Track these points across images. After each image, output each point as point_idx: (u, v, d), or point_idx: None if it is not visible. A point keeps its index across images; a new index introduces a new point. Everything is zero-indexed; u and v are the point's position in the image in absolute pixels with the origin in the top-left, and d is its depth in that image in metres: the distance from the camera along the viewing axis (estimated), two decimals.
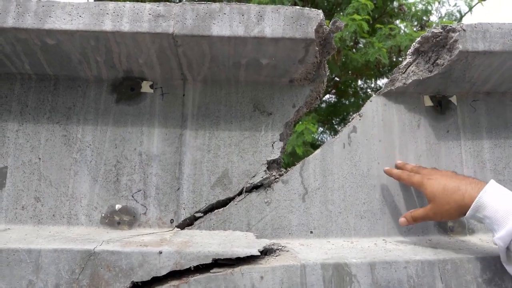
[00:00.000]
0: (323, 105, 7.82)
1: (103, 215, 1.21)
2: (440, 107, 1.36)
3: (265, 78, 1.29)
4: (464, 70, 1.26)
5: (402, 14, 6.90)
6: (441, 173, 1.14)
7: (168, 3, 1.12)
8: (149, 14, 1.11)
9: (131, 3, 1.11)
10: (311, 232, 1.23)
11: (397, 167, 1.27)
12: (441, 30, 1.21)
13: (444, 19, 6.60)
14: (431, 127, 1.34)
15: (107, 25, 1.09)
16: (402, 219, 1.17)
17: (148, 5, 1.11)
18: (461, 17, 6.93)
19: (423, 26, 6.63)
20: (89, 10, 1.10)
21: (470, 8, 6.62)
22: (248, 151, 1.27)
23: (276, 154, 1.27)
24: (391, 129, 1.32)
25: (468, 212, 1.00)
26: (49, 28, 1.09)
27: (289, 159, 5.35)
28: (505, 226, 0.93)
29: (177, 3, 1.11)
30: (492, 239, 0.98)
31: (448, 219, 1.10)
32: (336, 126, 8.32)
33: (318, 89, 1.33)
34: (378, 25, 5.98)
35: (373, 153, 1.30)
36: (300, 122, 5.10)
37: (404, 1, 6.96)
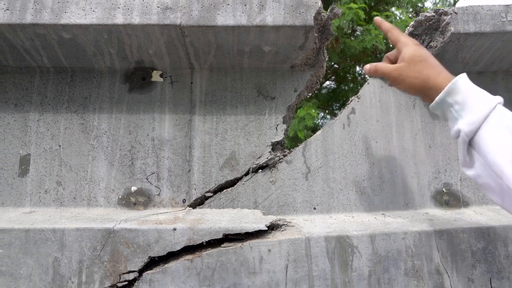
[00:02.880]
0: (324, 91, 7.80)
1: (120, 196, 1.23)
2: None
3: (268, 64, 1.30)
4: (457, 51, 1.25)
5: (397, 1, 6.83)
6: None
7: None
8: (158, 7, 1.11)
9: None
10: (315, 208, 1.24)
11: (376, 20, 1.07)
12: (433, 14, 1.21)
13: (438, 5, 6.53)
14: (426, 107, 1.34)
15: (119, 19, 1.10)
16: (367, 66, 1.02)
17: None
18: (455, 2, 6.85)
19: (417, 12, 6.56)
20: (101, 5, 1.11)
21: None
22: (253, 134, 1.28)
23: (279, 136, 1.28)
24: (388, 110, 1.33)
25: (440, 94, 0.87)
26: (65, 23, 1.10)
27: (291, 143, 5.37)
28: (475, 111, 0.81)
29: None
30: (453, 129, 0.86)
31: (408, 91, 0.97)
32: (336, 111, 8.31)
33: (318, 73, 1.33)
34: (374, 13, 5.93)
35: (371, 133, 1.31)
36: (302, 108, 5.10)
37: None
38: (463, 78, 0.87)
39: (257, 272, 0.99)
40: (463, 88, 0.85)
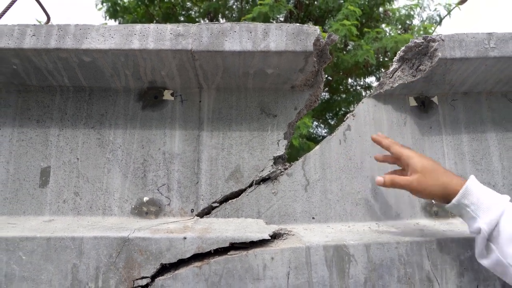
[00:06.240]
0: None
1: (133, 206, 1.25)
2: (424, 106, 1.39)
3: (270, 85, 1.32)
4: (444, 74, 1.28)
5: (387, 19, 6.90)
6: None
7: (186, 23, 1.15)
8: (171, 33, 1.14)
9: (155, 24, 1.14)
10: (313, 218, 1.26)
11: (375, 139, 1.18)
12: (422, 40, 1.24)
13: (425, 23, 6.58)
14: (416, 124, 1.37)
15: (135, 44, 1.13)
16: (379, 178, 1.09)
17: (169, 26, 1.14)
18: (441, 20, 6.90)
19: (406, 29, 6.62)
20: (119, 32, 1.13)
21: (449, 12, 6.60)
22: (256, 149, 1.30)
23: (281, 151, 1.30)
24: (381, 127, 1.36)
25: (456, 197, 0.95)
26: (85, 48, 1.13)
27: (287, 151, 5.38)
28: (491, 211, 0.89)
29: (194, 23, 1.14)
30: (473, 227, 0.93)
31: (427, 197, 1.02)
32: (329, 121, 8.34)
33: (317, 93, 1.36)
34: (365, 29, 5.98)
35: (365, 148, 1.33)
36: None
37: (389, 7, 6.94)
38: (472, 181, 0.96)
39: (261, 278, 1.00)
40: (475, 191, 0.94)
